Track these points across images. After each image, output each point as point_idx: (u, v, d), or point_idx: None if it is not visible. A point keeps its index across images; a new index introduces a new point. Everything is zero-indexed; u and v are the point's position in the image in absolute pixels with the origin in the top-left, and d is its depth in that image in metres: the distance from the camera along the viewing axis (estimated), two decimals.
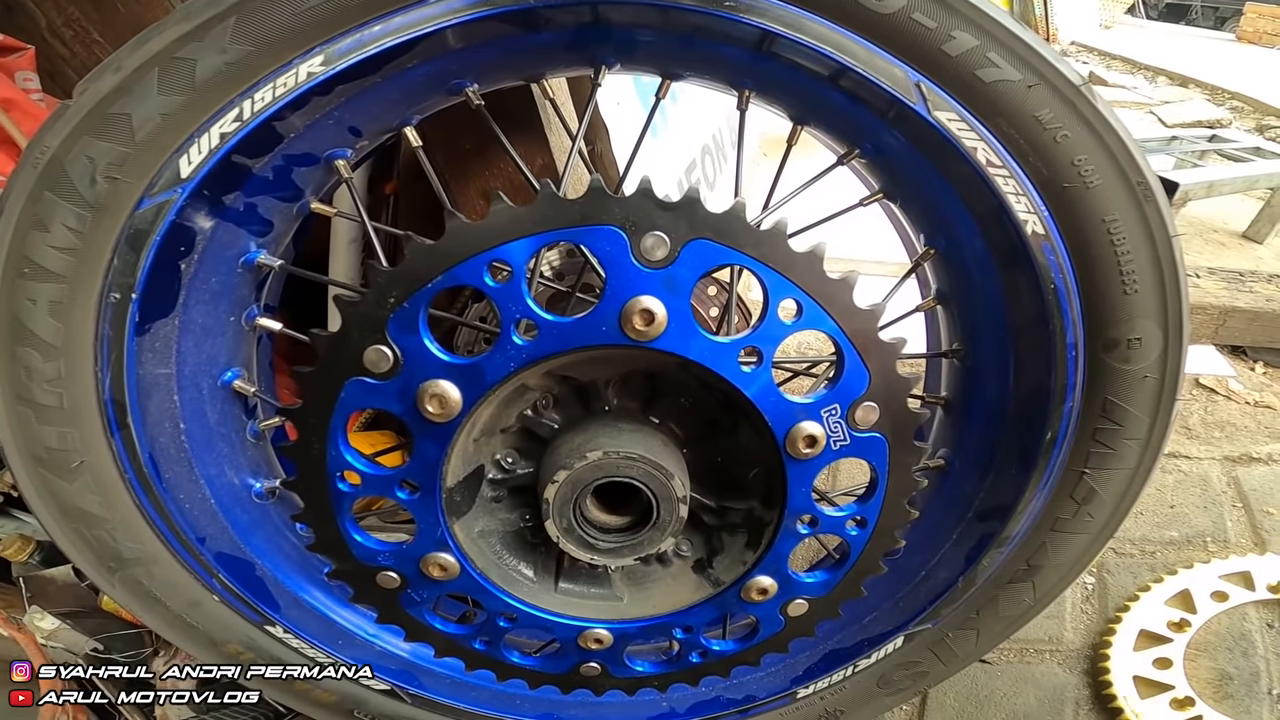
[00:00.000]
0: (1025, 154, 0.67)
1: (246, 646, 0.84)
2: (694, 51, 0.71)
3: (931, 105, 0.66)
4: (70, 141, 0.62)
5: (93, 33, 1.22)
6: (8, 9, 1.18)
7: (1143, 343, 0.73)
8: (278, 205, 0.72)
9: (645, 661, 0.75)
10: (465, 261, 0.51)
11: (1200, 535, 1.44)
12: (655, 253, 0.51)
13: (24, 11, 1.19)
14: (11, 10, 1.19)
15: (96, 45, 1.23)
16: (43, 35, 1.20)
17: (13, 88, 1.10)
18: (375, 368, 0.53)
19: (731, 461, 0.65)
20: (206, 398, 0.76)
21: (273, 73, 0.64)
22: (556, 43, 0.70)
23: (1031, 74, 0.64)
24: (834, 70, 0.66)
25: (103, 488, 0.72)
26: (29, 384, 0.67)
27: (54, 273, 0.64)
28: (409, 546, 0.62)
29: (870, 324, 0.54)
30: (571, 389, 0.64)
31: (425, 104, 0.73)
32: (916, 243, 0.84)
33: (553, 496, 0.57)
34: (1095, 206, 0.68)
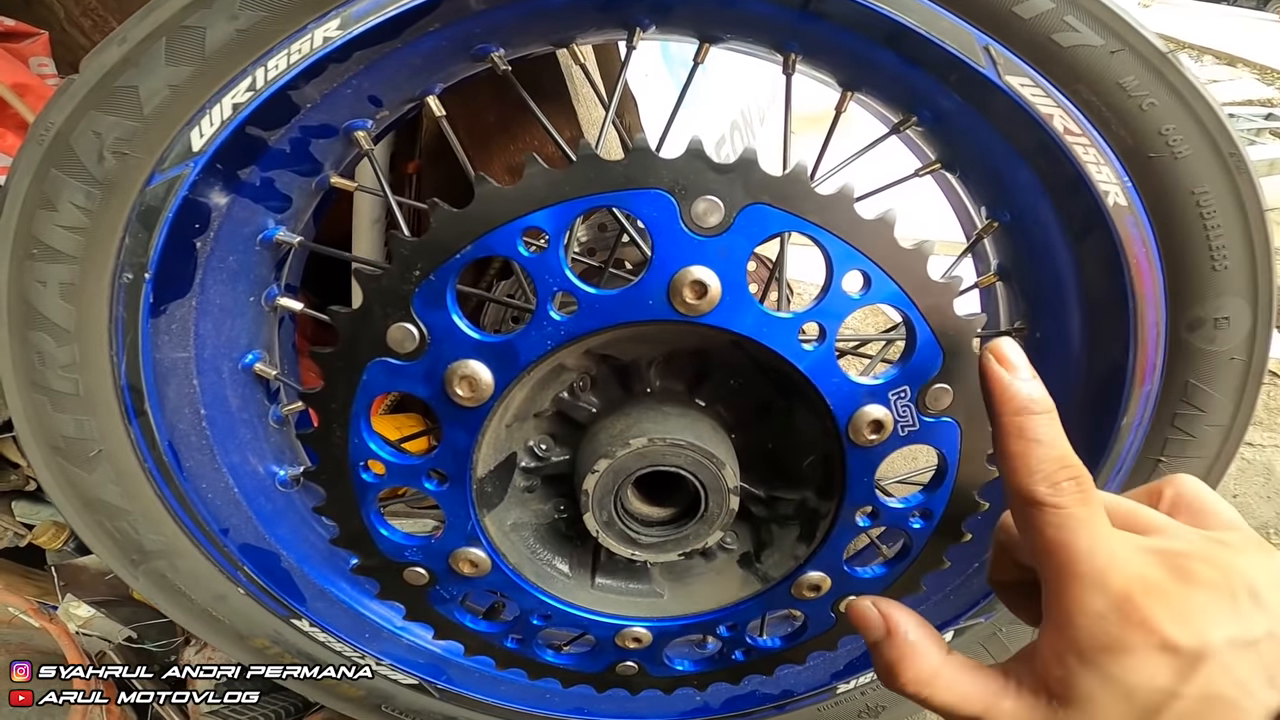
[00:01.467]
0: (1108, 122, 0.62)
1: (274, 640, 0.82)
2: (734, 11, 0.66)
3: (1002, 70, 0.62)
4: (76, 117, 0.59)
5: (111, 21, 1.21)
6: (25, 1, 1.17)
7: (1230, 322, 0.67)
8: (296, 180, 0.69)
9: (685, 660, 0.71)
10: (497, 230, 0.46)
11: (1264, 526, 1.37)
12: (708, 219, 0.46)
13: (42, 2, 1.18)
14: (30, 1, 1.18)
15: None
16: (61, 25, 1.19)
17: (27, 73, 1.10)
18: (400, 347, 0.49)
19: (784, 448, 0.60)
20: (227, 382, 0.73)
21: (287, 39, 0.60)
22: (587, 3, 0.65)
23: (1114, 39, 0.60)
24: (890, 31, 0.62)
25: (122, 477, 0.70)
26: (43, 370, 0.64)
27: (64, 253, 0.61)
28: (438, 541, 0.58)
29: (947, 298, 0.48)
30: (611, 369, 0.60)
31: (448, 71, 0.69)
32: (976, 216, 0.78)
33: (593, 487, 0.53)
34: (1183, 177, 0.63)
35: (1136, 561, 0.41)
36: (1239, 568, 0.40)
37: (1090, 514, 0.41)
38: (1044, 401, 0.44)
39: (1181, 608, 0.39)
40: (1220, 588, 0.39)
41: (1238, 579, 0.40)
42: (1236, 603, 0.39)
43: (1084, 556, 0.40)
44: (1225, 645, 0.38)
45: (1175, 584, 0.40)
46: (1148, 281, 0.65)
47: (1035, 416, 0.43)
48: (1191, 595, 0.39)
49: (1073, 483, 0.42)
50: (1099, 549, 0.40)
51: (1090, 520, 0.41)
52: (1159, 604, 0.39)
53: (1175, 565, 0.41)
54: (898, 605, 0.49)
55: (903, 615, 0.48)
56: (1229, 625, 0.39)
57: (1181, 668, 0.38)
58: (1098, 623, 0.40)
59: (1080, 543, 0.41)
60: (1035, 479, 0.42)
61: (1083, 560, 0.40)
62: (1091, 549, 0.40)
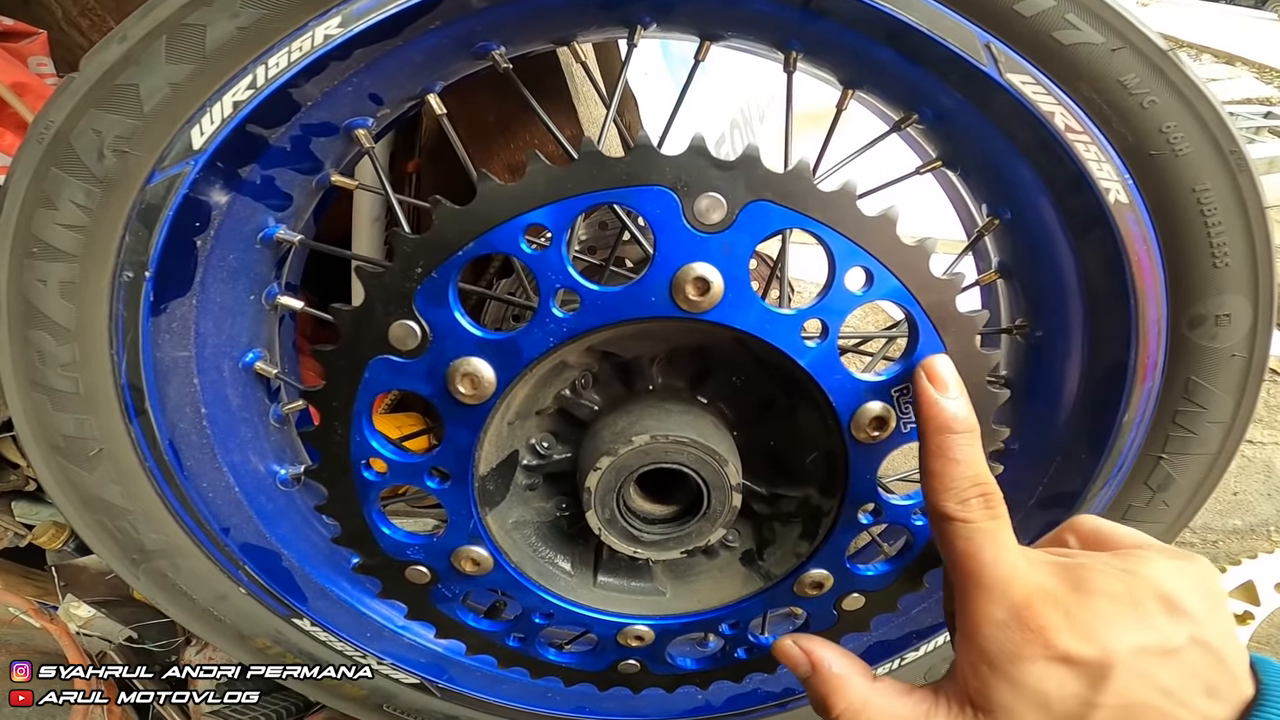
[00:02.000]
0: (1109, 119, 0.62)
1: (275, 640, 0.82)
2: (736, 9, 0.66)
3: (1003, 67, 0.62)
4: (76, 115, 0.59)
5: (109, 21, 1.21)
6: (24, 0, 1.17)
7: (1231, 319, 0.68)
8: (296, 178, 0.68)
9: (687, 658, 0.71)
10: (499, 227, 0.46)
11: (1264, 524, 1.37)
12: (711, 215, 0.46)
13: (40, 2, 1.18)
14: (28, 1, 1.17)
15: None
16: (59, 25, 1.19)
17: (26, 72, 1.09)
18: (402, 345, 0.49)
19: (786, 445, 0.60)
20: (228, 380, 0.73)
21: (287, 37, 0.60)
22: (588, 1, 0.65)
23: (1115, 37, 0.60)
24: (892, 29, 0.62)
25: (123, 476, 0.69)
26: (43, 369, 0.64)
27: (64, 252, 0.61)
28: (439, 539, 0.58)
29: (949, 295, 0.48)
30: (613, 367, 0.60)
31: (449, 69, 0.69)
32: (977, 213, 0.78)
33: (595, 485, 0.53)
34: (1184, 175, 0.63)
35: (1038, 573, 0.42)
36: (1144, 577, 0.41)
37: (996, 528, 0.43)
38: (966, 421, 0.46)
39: (1078, 617, 0.40)
40: (1120, 597, 0.40)
41: (1142, 588, 0.40)
42: (1142, 611, 0.40)
43: (988, 567, 0.42)
44: (1133, 653, 0.39)
45: (1073, 594, 0.41)
46: (1149, 278, 0.65)
47: (955, 436, 0.45)
48: (1088, 604, 0.40)
49: (981, 499, 0.44)
50: (1002, 560, 0.42)
51: (995, 534, 0.43)
52: (1055, 613, 0.40)
53: (1075, 577, 0.42)
54: (819, 641, 0.52)
55: (824, 650, 0.50)
56: (1134, 634, 0.39)
57: (1088, 677, 0.39)
58: (1001, 631, 0.41)
59: (985, 554, 0.43)
60: (947, 495, 0.44)
61: (987, 570, 0.42)
62: (995, 560, 0.42)
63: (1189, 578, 0.41)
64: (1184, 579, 0.41)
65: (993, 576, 0.42)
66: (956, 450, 0.45)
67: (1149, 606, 0.40)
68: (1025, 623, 0.40)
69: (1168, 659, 0.39)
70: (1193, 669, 0.39)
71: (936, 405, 0.46)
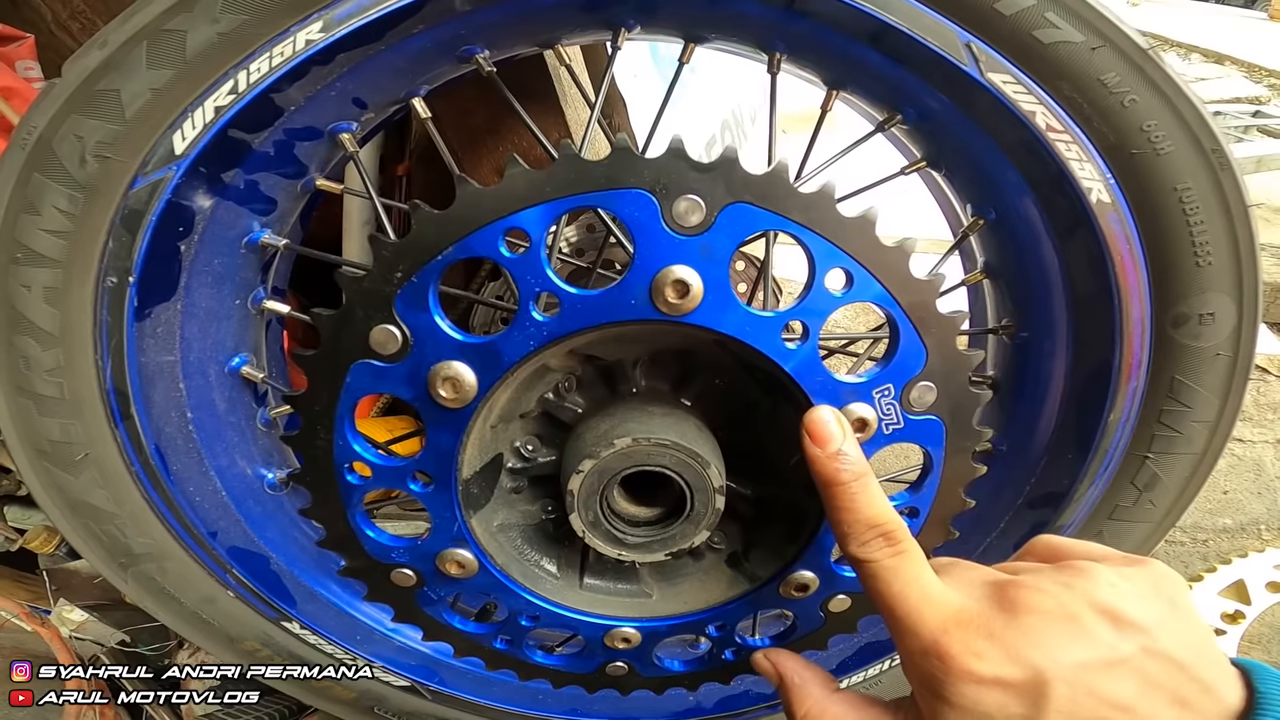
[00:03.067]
0: (1089, 119, 0.62)
1: (264, 643, 0.82)
2: (720, 11, 0.66)
3: (984, 67, 0.62)
4: (58, 121, 0.59)
5: (99, 24, 1.20)
6: (13, 3, 1.17)
7: (1215, 318, 0.68)
8: (281, 182, 0.68)
9: (675, 660, 0.71)
10: (478, 231, 0.46)
11: (1255, 523, 1.37)
12: (689, 218, 0.46)
13: (30, 5, 1.18)
14: (17, 4, 1.17)
15: None
16: (49, 29, 1.19)
17: (13, 76, 1.09)
18: (383, 349, 0.49)
19: (770, 447, 0.60)
20: (214, 385, 0.73)
21: (269, 42, 0.60)
22: (571, 4, 0.65)
23: (1095, 36, 0.60)
24: (874, 29, 0.62)
25: (109, 481, 0.69)
26: (28, 374, 0.64)
27: (47, 257, 0.61)
28: (424, 542, 0.58)
29: (929, 295, 0.49)
30: (596, 370, 0.60)
31: (433, 73, 0.69)
32: (962, 213, 0.78)
33: (578, 488, 0.53)
34: (1166, 174, 0.63)
35: (953, 599, 0.42)
36: (1081, 589, 0.40)
37: (899, 564, 0.44)
38: (852, 470, 0.47)
39: (1004, 638, 0.40)
40: (1052, 613, 0.40)
41: (1077, 601, 0.40)
42: (1078, 625, 0.39)
43: (897, 600, 0.43)
44: (1073, 669, 0.38)
45: (999, 615, 0.41)
46: (1132, 278, 0.65)
47: (842, 486, 0.47)
48: (1016, 624, 0.40)
49: (881, 539, 0.45)
50: (909, 593, 0.43)
51: (899, 569, 0.44)
52: (973, 638, 0.40)
53: (1005, 597, 0.41)
54: (785, 653, 0.55)
55: (789, 661, 0.53)
56: (1071, 649, 0.39)
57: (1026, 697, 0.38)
58: (922, 662, 0.41)
59: (893, 588, 0.44)
60: (849, 541, 0.46)
61: (896, 604, 0.43)
62: (902, 593, 0.43)
63: (1136, 586, 0.41)
64: (1130, 588, 0.40)
65: (903, 609, 0.43)
66: (847, 499, 0.47)
67: (1087, 620, 0.39)
68: (940, 653, 0.40)
69: (1116, 671, 0.38)
70: (1151, 680, 0.38)
71: (819, 461, 0.47)
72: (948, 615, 0.41)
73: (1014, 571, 0.45)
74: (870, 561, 0.45)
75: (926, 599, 0.43)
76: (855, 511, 0.46)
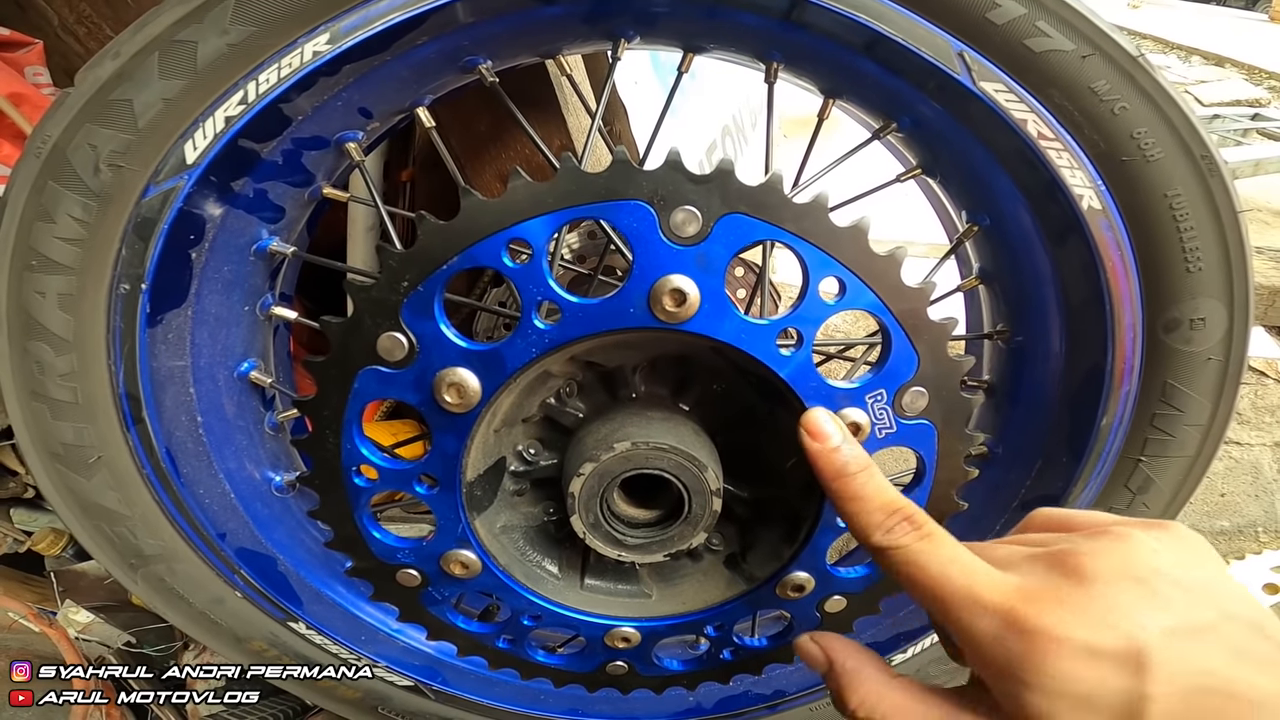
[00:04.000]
0: (1080, 126, 0.63)
1: (271, 643, 0.83)
2: (718, 22, 0.67)
3: (976, 76, 0.63)
4: (72, 130, 0.60)
5: (105, 29, 1.21)
6: (20, 7, 1.18)
7: (1206, 323, 0.69)
8: (289, 190, 0.70)
9: (674, 659, 0.72)
10: (482, 241, 0.48)
11: (1251, 525, 1.38)
12: (686, 229, 0.47)
13: (36, 9, 1.19)
14: (24, 8, 1.18)
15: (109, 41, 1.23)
16: (55, 33, 1.19)
17: (23, 82, 1.10)
18: (389, 356, 0.51)
19: (767, 451, 0.62)
20: (223, 390, 0.74)
21: (277, 53, 0.61)
22: (572, 15, 0.66)
23: (1085, 44, 0.61)
24: (869, 39, 0.63)
25: (121, 483, 0.71)
26: (42, 379, 0.65)
27: (62, 264, 0.62)
28: (429, 544, 0.59)
29: (920, 303, 0.50)
30: (596, 375, 0.61)
31: (437, 83, 0.70)
32: (958, 220, 0.79)
33: (579, 490, 0.54)
34: (1156, 180, 0.64)
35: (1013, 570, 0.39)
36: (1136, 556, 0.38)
37: (932, 545, 0.41)
38: (856, 462, 0.46)
39: (1083, 606, 0.36)
40: (1124, 578, 0.37)
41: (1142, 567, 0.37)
42: (1152, 589, 0.36)
43: (941, 584, 0.40)
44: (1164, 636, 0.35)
45: (1064, 583, 0.37)
46: (1123, 284, 0.66)
47: (850, 477, 0.46)
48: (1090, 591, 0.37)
49: (905, 523, 0.43)
50: (952, 573, 0.40)
51: (934, 551, 0.41)
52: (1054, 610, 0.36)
53: (1061, 565, 0.38)
54: (835, 637, 0.49)
55: (840, 645, 0.48)
56: (1157, 615, 0.36)
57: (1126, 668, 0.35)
58: (996, 645, 0.37)
59: (931, 572, 0.40)
60: (871, 531, 0.44)
61: (942, 588, 0.40)
62: (945, 574, 0.40)
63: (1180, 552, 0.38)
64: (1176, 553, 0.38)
65: (952, 591, 0.39)
66: (857, 488, 0.45)
67: (1156, 584, 0.36)
68: (1022, 627, 0.36)
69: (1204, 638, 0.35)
70: (1234, 646, 0.35)
71: (823, 456, 0.47)
72: (1009, 590, 0.38)
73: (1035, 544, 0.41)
74: (898, 548, 0.42)
75: (976, 577, 0.39)
76: (868, 499, 0.45)
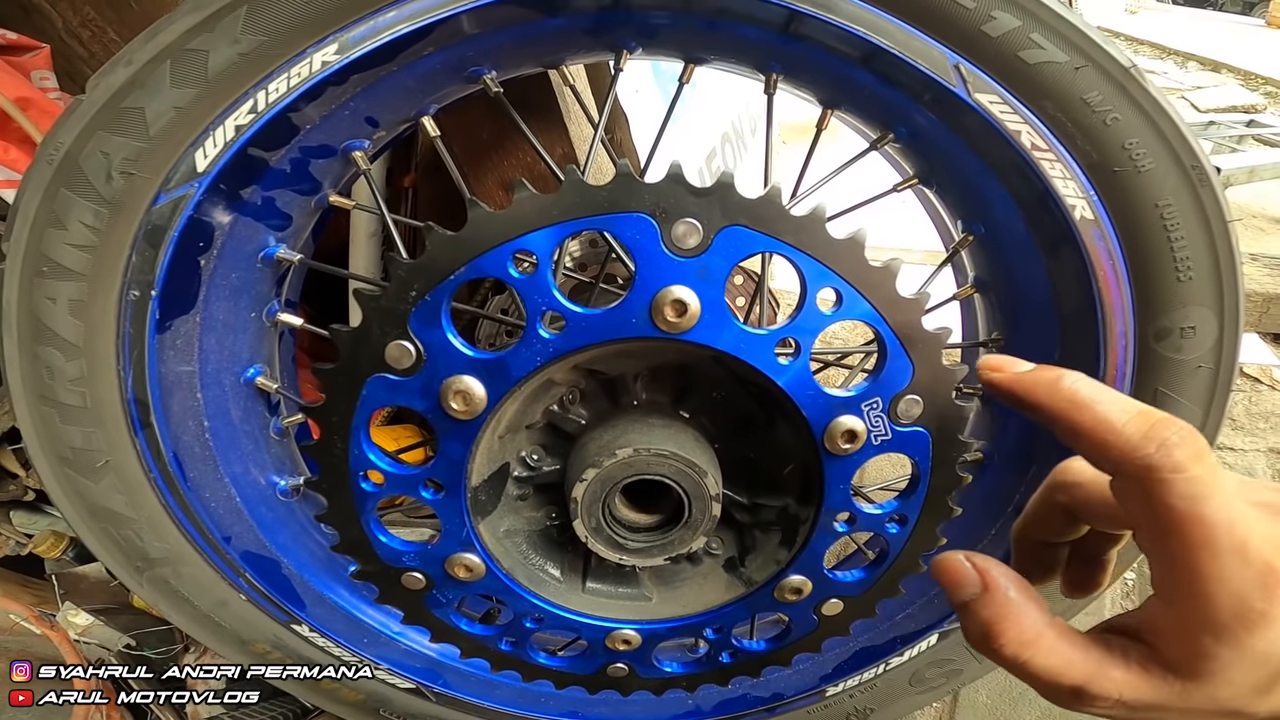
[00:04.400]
0: (1073, 137, 0.64)
1: (274, 645, 0.84)
2: (718, 34, 0.69)
3: (972, 88, 0.64)
4: (84, 137, 0.61)
5: (109, 32, 1.22)
6: (24, 10, 1.19)
7: (1196, 331, 0.70)
8: (296, 198, 0.71)
9: (674, 662, 0.73)
10: (489, 252, 0.49)
11: None
12: (687, 240, 0.48)
13: (40, 13, 1.19)
14: (28, 12, 1.19)
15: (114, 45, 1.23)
16: (60, 36, 1.20)
17: (29, 86, 1.10)
18: (397, 364, 0.52)
19: (765, 457, 0.63)
20: (229, 395, 0.75)
21: (286, 63, 0.62)
22: (575, 27, 0.68)
23: (1079, 55, 0.62)
24: (867, 52, 0.64)
25: (128, 487, 0.72)
26: (51, 384, 0.66)
27: (73, 270, 0.63)
28: (434, 547, 0.60)
29: (915, 313, 0.51)
30: (599, 383, 0.62)
31: (443, 92, 0.72)
32: (953, 229, 0.80)
33: (581, 495, 0.55)
34: (1148, 191, 0.65)
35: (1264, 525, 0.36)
36: None
37: (1214, 475, 0.36)
38: (1069, 371, 0.40)
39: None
40: None
41: None
42: None
43: (1221, 527, 0.35)
44: None
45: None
46: (1115, 293, 0.68)
47: (1077, 381, 0.39)
48: None
49: (1180, 435, 0.36)
50: (1236, 518, 0.35)
51: (1216, 483, 0.36)
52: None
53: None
54: (995, 561, 0.43)
55: (1001, 571, 0.42)
56: None
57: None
58: (1237, 599, 0.35)
59: (1215, 513, 0.35)
60: (1136, 441, 0.36)
61: (1221, 531, 0.35)
62: (1230, 520, 0.35)
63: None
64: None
65: (1228, 538, 0.35)
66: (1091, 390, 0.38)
67: None
68: (1270, 587, 0.34)
69: None
70: None
71: (1032, 375, 0.40)
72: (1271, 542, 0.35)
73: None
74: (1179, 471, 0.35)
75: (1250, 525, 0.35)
76: (1115, 398, 0.37)
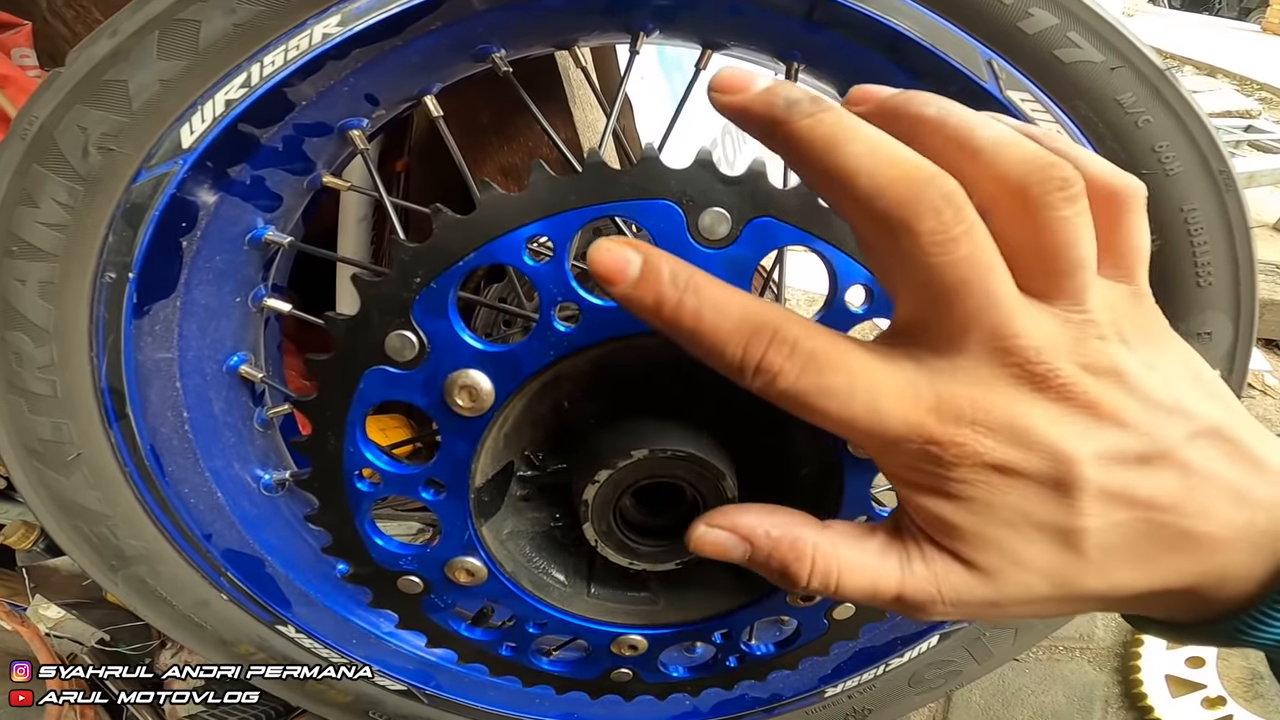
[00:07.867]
0: (1103, 138, 0.63)
1: (258, 647, 0.80)
2: (739, 19, 0.66)
3: (1004, 84, 0.62)
4: (61, 111, 0.57)
5: (94, 12, 1.17)
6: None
7: (1213, 337, 0.69)
8: (287, 178, 0.67)
9: (679, 665, 0.71)
10: (502, 237, 0.46)
11: None
12: (716, 231, 0.45)
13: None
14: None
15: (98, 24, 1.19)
16: (43, 16, 1.16)
17: (9, 64, 1.07)
18: (398, 356, 0.48)
19: (782, 459, 0.60)
20: (211, 384, 0.71)
21: (285, 34, 0.59)
22: (591, 6, 0.65)
23: (1115, 56, 0.60)
24: (893, 42, 0.62)
25: (102, 482, 0.68)
26: (20, 371, 0.62)
27: (44, 251, 0.59)
28: (433, 550, 0.57)
29: None
30: (611, 379, 0.59)
31: (448, 71, 0.68)
32: None
33: (592, 498, 0.53)
34: (1173, 194, 0.64)
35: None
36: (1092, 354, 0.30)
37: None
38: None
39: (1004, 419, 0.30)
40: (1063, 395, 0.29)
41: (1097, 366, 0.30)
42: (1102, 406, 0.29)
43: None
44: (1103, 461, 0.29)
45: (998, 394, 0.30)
46: None
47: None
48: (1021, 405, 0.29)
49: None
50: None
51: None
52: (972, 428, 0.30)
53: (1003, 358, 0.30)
54: (738, 509, 0.37)
55: (747, 517, 0.36)
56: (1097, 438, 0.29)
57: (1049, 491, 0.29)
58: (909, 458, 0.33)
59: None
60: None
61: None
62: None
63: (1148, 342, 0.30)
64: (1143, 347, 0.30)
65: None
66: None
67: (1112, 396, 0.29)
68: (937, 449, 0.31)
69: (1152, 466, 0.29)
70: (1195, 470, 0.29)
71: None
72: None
73: None
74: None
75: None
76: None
